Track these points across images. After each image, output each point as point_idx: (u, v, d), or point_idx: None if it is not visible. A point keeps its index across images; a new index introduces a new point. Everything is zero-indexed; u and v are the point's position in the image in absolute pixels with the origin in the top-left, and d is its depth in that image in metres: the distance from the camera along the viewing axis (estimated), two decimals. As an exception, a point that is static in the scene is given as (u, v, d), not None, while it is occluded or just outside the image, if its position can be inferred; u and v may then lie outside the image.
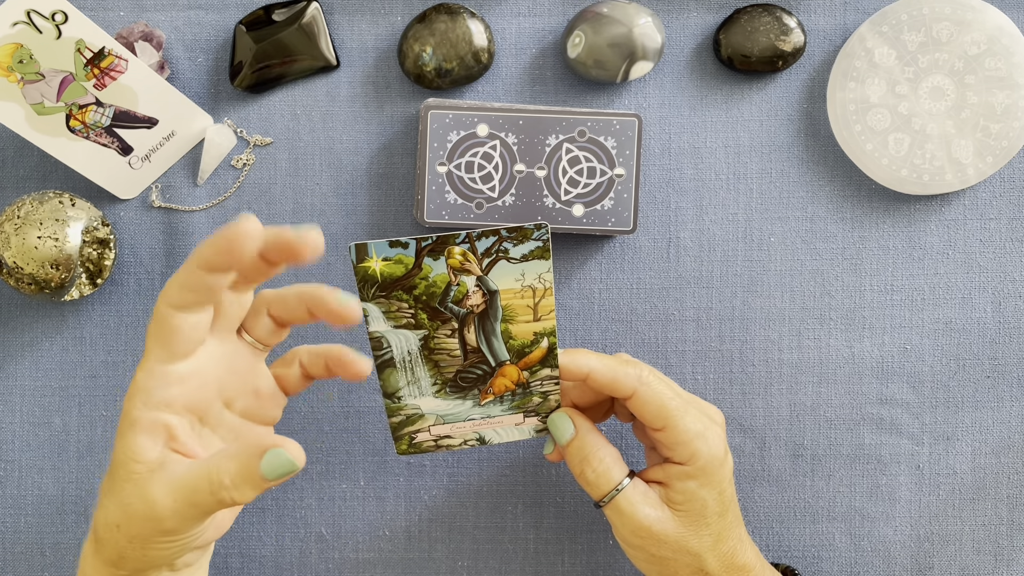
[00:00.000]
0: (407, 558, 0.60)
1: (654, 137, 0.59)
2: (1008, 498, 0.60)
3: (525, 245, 0.44)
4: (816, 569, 0.60)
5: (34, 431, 0.60)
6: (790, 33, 0.58)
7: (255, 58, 0.58)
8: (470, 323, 0.46)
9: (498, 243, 0.44)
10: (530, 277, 0.45)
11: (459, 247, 0.43)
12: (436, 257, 0.44)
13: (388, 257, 0.43)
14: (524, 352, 0.47)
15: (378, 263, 0.43)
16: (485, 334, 0.47)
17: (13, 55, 0.54)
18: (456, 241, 0.43)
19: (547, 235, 0.43)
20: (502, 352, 0.47)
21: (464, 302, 0.45)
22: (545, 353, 0.47)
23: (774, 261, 0.60)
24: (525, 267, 0.45)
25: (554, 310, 0.46)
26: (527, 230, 0.43)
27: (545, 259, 0.44)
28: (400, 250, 0.43)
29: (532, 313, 0.46)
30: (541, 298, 0.46)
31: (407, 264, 0.43)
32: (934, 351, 0.60)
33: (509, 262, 0.44)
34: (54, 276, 0.55)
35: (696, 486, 0.48)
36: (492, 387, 0.49)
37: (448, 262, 0.44)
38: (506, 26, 0.59)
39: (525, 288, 0.45)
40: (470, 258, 0.44)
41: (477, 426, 0.51)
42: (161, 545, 0.42)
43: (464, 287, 0.45)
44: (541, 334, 0.47)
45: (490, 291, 0.45)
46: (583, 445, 0.49)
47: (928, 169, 0.58)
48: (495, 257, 0.44)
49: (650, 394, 0.48)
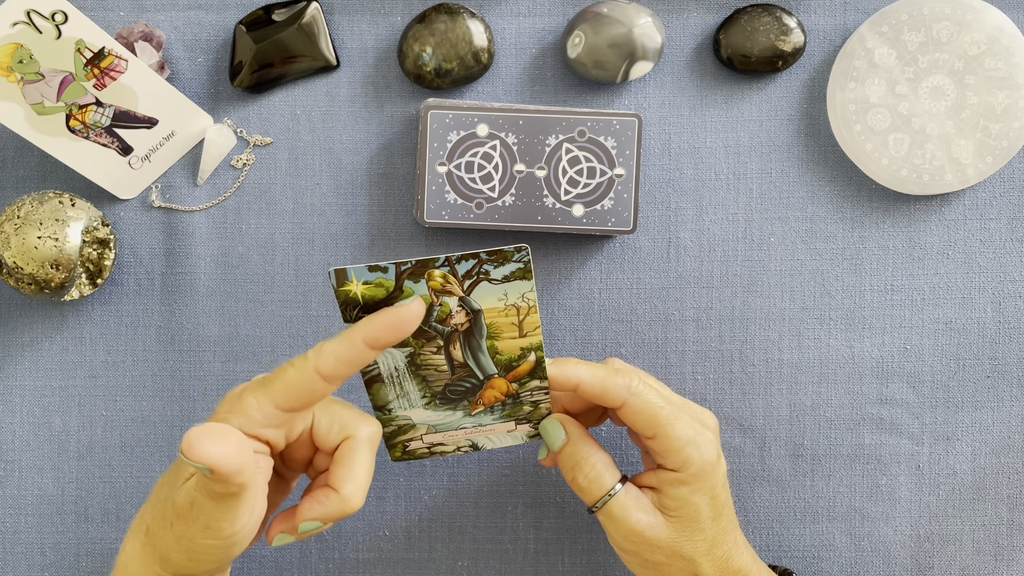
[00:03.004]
0: (407, 558, 0.60)
1: (654, 137, 0.59)
2: (1008, 498, 0.60)
3: (506, 267, 0.43)
4: (816, 569, 0.60)
5: (34, 431, 0.60)
6: (790, 33, 0.58)
7: (255, 58, 0.58)
8: (455, 340, 0.46)
9: (478, 265, 0.43)
10: (513, 296, 0.44)
11: (439, 270, 0.43)
12: (417, 280, 0.43)
13: (368, 281, 0.42)
14: (512, 366, 0.47)
15: (359, 287, 0.43)
16: (471, 350, 0.46)
17: (13, 55, 0.54)
18: (436, 265, 0.43)
19: (527, 257, 0.43)
20: (489, 367, 0.47)
21: (448, 321, 0.45)
22: (533, 366, 0.47)
23: (774, 261, 0.60)
24: (507, 287, 0.44)
25: (540, 326, 0.46)
26: (507, 252, 0.43)
27: (527, 279, 0.44)
28: (380, 274, 0.42)
29: (518, 330, 0.46)
30: (526, 316, 0.45)
31: (388, 287, 0.43)
32: (934, 351, 0.60)
33: (491, 283, 0.44)
34: (54, 276, 0.55)
35: (688, 492, 0.48)
36: (482, 399, 0.48)
37: (429, 284, 0.43)
38: (506, 26, 0.59)
39: (509, 307, 0.45)
40: (451, 280, 0.43)
41: (469, 434, 0.50)
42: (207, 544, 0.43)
43: (447, 307, 0.44)
44: (528, 349, 0.47)
45: (473, 310, 0.45)
46: (575, 451, 0.49)
47: (928, 169, 0.58)
48: (476, 279, 0.44)
49: (640, 403, 0.47)
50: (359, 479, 0.45)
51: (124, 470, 0.60)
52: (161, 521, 0.44)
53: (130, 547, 0.46)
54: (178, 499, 0.43)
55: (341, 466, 0.45)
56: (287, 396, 0.42)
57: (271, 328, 0.60)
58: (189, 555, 0.44)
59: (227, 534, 0.43)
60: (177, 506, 0.43)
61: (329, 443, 0.46)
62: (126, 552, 0.46)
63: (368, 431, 0.46)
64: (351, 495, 0.44)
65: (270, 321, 0.60)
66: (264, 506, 0.44)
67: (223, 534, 0.43)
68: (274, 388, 0.42)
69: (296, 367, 0.42)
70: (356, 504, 0.45)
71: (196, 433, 0.39)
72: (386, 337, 0.42)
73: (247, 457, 0.40)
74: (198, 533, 0.43)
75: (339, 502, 0.44)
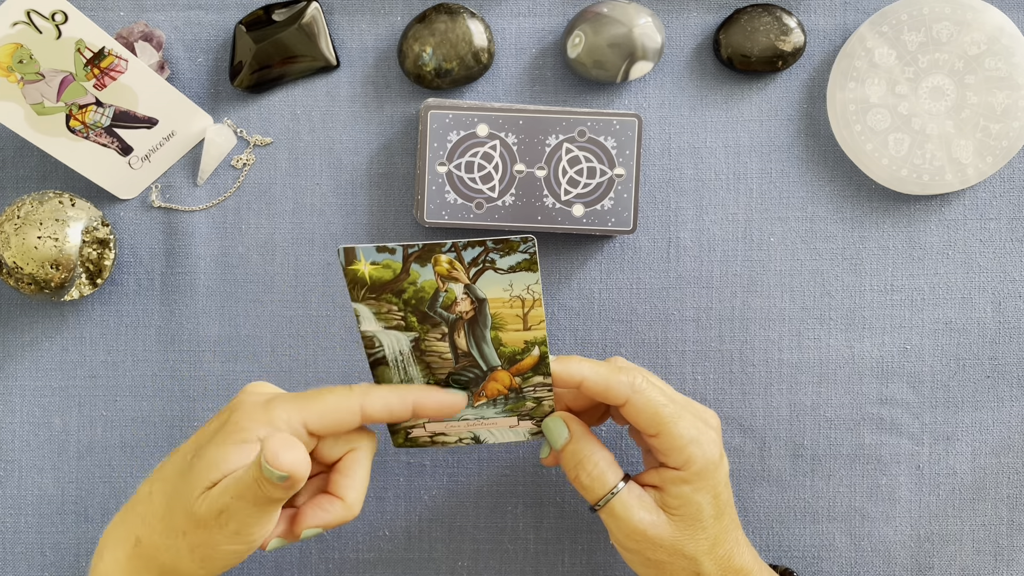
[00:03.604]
0: (407, 558, 0.60)
1: (654, 137, 0.59)
2: (1008, 498, 0.60)
3: (512, 257, 0.43)
4: (816, 569, 0.60)
5: (34, 431, 0.60)
6: (790, 33, 0.58)
7: (255, 58, 0.58)
8: (460, 328, 0.46)
9: (484, 253, 0.43)
10: (518, 288, 0.45)
11: (446, 255, 0.43)
12: (423, 264, 0.43)
13: (376, 262, 0.43)
14: (515, 359, 0.47)
15: (367, 267, 0.43)
16: (475, 339, 0.46)
17: (13, 55, 0.54)
18: (443, 250, 0.43)
19: (533, 248, 0.43)
20: (493, 358, 0.47)
21: (453, 308, 0.45)
22: (537, 361, 0.47)
23: (774, 261, 0.60)
24: (513, 278, 0.44)
25: (544, 320, 0.46)
26: (513, 242, 0.43)
27: (533, 271, 0.44)
28: (387, 255, 0.43)
29: (522, 322, 0.46)
30: (530, 308, 0.45)
31: (395, 269, 0.43)
32: (934, 351, 0.60)
33: (496, 272, 0.44)
34: (54, 276, 0.55)
35: (691, 491, 0.48)
36: (484, 390, 0.49)
37: (435, 269, 0.44)
38: (506, 26, 0.59)
39: (514, 298, 0.45)
40: (457, 266, 0.44)
41: (471, 426, 0.51)
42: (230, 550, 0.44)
43: (452, 294, 0.45)
44: (532, 343, 0.47)
45: (478, 299, 0.45)
46: (577, 449, 0.49)
47: (928, 169, 0.58)
48: (482, 267, 0.44)
49: (643, 402, 0.48)
50: (361, 487, 0.47)
51: (124, 470, 0.60)
52: (165, 532, 0.44)
53: (110, 558, 0.46)
54: (199, 509, 0.43)
55: (345, 475, 0.47)
56: (322, 420, 0.45)
57: (271, 328, 0.60)
58: (204, 562, 0.44)
59: (255, 538, 0.44)
60: (198, 516, 0.43)
61: (332, 456, 0.47)
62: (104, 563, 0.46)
63: (370, 443, 0.48)
64: (355, 502, 0.47)
65: (270, 321, 0.60)
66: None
67: (251, 538, 0.44)
68: (311, 409, 0.44)
69: (339, 395, 0.45)
70: (358, 511, 0.47)
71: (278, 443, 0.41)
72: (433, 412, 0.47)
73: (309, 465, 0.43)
74: (223, 539, 0.44)
75: (343, 509, 0.46)
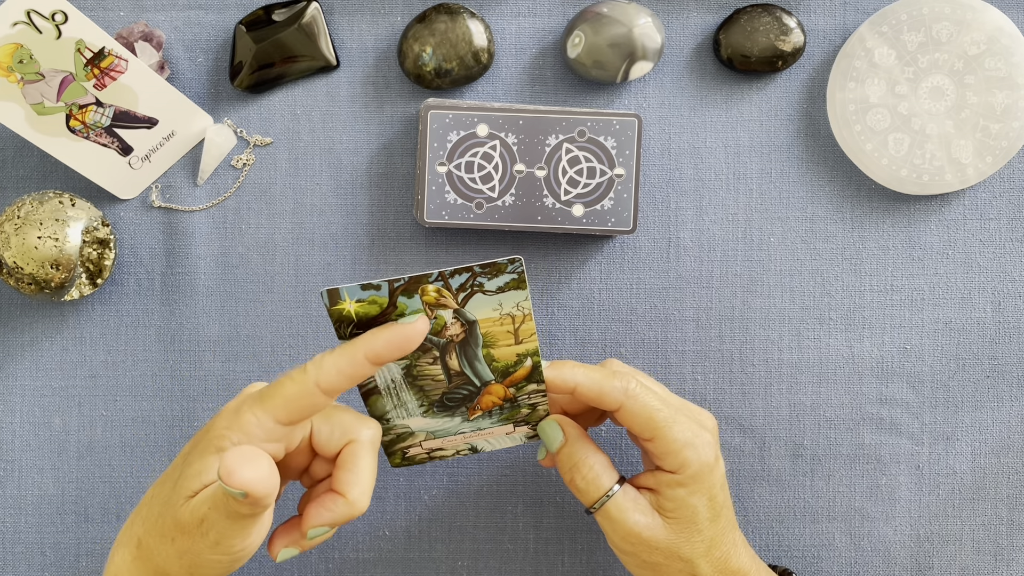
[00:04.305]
0: (407, 558, 0.60)
1: (654, 137, 0.59)
2: (1008, 498, 0.60)
3: (500, 278, 0.43)
4: (816, 569, 0.60)
5: (34, 431, 0.60)
6: (790, 33, 0.58)
7: (255, 58, 0.58)
8: (451, 350, 0.45)
9: (472, 279, 0.43)
10: (508, 306, 0.44)
11: (433, 285, 0.43)
12: (411, 296, 0.43)
13: (361, 299, 0.42)
14: (509, 372, 0.47)
15: (352, 305, 0.42)
16: (468, 359, 0.46)
17: (13, 55, 0.54)
18: (429, 280, 0.42)
19: (521, 268, 0.43)
20: (486, 373, 0.47)
21: (443, 333, 0.45)
22: (530, 371, 0.47)
23: (774, 261, 0.60)
24: (502, 298, 0.44)
25: (535, 332, 0.45)
26: (501, 264, 0.42)
27: (522, 289, 0.44)
28: (373, 292, 0.42)
29: (513, 337, 0.45)
30: (521, 323, 0.45)
31: (381, 304, 0.42)
32: (934, 351, 0.60)
33: (485, 294, 0.44)
34: (54, 276, 0.55)
35: (686, 493, 0.48)
36: (479, 404, 0.48)
37: (423, 299, 0.43)
38: (506, 26, 0.59)
39: (504, 316, 0.45)
40: (445, 294, 0.43)
41: (468, 438, 0.50)
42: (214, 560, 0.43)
43: (441, 320, 0.44)
44: (524, 355, 0.46)
45: (468, 321, 0.44)
46: (572, 452, 0.49)
47: (928, 169, 0.58)
48: (470, 291, 0.43)
49: (637, 406, 0.47)
50: (365, 482, 0.45)
51: (124, 470, 0.60)
52: (158, 536, 0.44)
53: (119, 559, 0.46)
54: (183, 516, 0.43)
55: (346, 470, 0.45)
56: (287, 410, 0.42)
57: (271, 328, 0.60)
58: (192, 569, 0.44)
59: (237, 550, 0.43)
60: (182, 523, 0.43)
61: (331, 449, 0.46)
62: (115, 563, 0.46)
63: (370, 433, 0.46)
64: (359, 498, 0.45)
65: (270, 321, 0.60)
66: (271, 520, 0.45)
67: (233, 550, 0.43)
68: (273, 403, 0.42)
69: (295, 380, 0.42)
70: (364, 507, 0.45)
71: (233, 459, 0.39)
72: (388, 353, 0.42)
73: (276, 479, 0.41)
74: (206, 549, 0.43)
75: (347, 506, 0.44)
